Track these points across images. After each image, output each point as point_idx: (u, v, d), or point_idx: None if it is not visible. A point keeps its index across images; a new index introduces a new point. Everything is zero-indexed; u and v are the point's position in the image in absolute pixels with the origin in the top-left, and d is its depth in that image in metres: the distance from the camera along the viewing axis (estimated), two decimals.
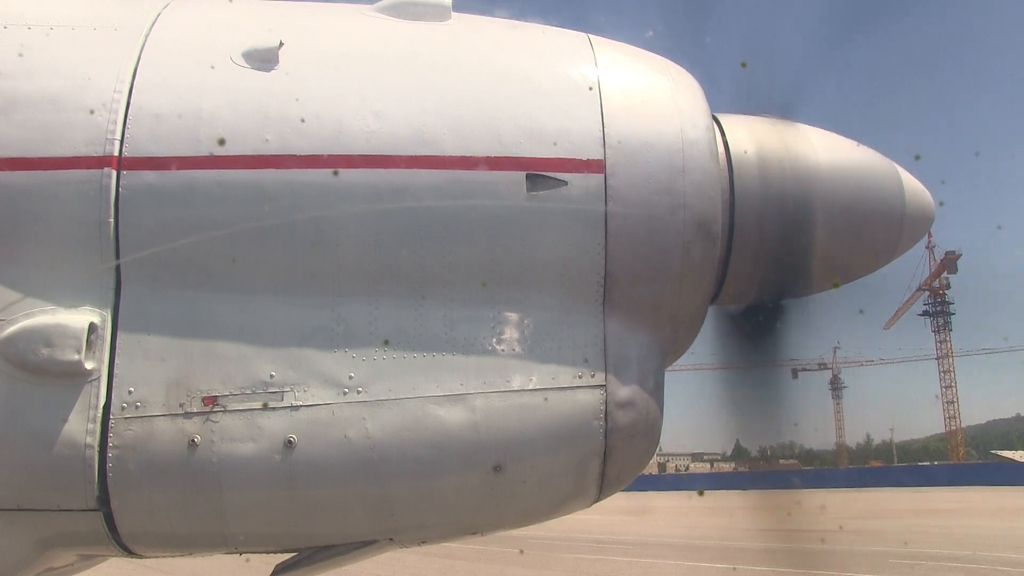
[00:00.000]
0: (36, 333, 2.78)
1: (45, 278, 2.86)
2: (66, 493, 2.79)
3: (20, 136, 2.88)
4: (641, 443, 3.10)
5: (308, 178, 2.89)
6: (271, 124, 2.92)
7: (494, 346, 2.95)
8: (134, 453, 2.79)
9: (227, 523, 2.92)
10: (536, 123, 3.01)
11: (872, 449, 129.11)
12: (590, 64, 3.20)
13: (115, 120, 2.88)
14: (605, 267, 2.99)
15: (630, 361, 3.05)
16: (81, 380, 2.80)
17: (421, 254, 2.94)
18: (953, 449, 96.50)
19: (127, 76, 2.96)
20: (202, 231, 2.87)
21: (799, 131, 3.50)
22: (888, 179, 3.55)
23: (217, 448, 2.80)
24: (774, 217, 3.31)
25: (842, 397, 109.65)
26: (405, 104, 3.01)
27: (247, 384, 2.85)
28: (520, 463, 2.94)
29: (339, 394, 2.87)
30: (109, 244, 2.85)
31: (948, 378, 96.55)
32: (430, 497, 2.98)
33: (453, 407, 2.88)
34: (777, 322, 3.58)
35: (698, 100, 3.29)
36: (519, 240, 2.96)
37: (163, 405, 2.82)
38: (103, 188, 2.84)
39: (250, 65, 3.02)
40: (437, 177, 2.93)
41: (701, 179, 3.09)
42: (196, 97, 2.95)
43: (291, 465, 2.82)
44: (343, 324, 2.92)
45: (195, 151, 2.88)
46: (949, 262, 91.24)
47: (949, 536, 23.61)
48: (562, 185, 2.96)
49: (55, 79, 2.98)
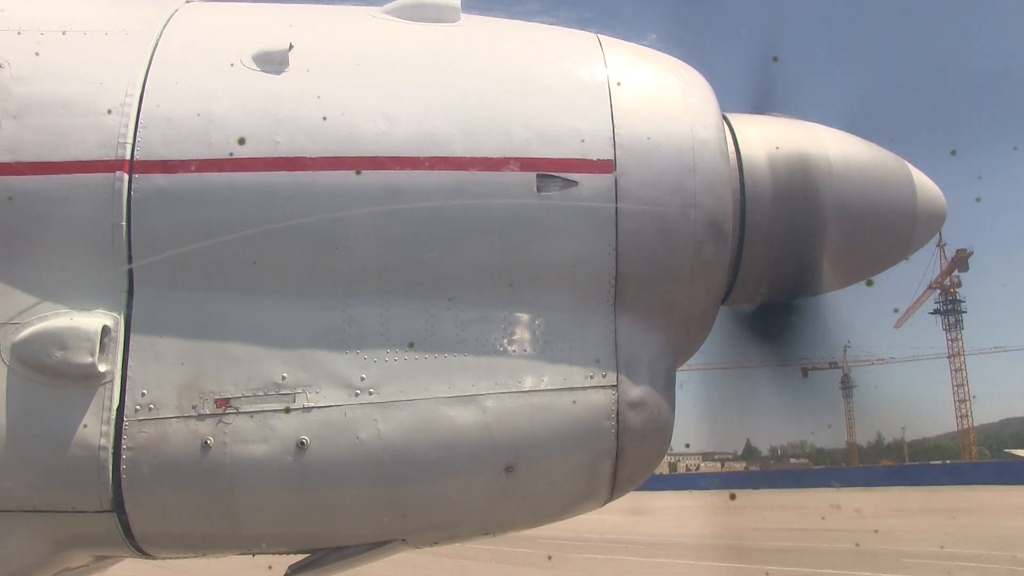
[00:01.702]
0: (50, 336, 2.80)
1: (59, 281, 2.88)
2: (81, 495, 2.81)
3: (33, 140, 2.90)
4: (653, 443, 3.09)
5: (319, 180, 2.90)
6: (282, 126, 2.93)
7: (505, 347, 2.95)
8: (148, 455, 2.80)
9: (240, 524, 2.94)
10: (546, 123, 3.01)
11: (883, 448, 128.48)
12: (600, 64, 3.19)
13: (127, 123, 2.90)
14: (616, 267, 2.99)
15: (641, 361, 3.04)
16: (95, 382, 2.81)
17: (432, 255, 2.94)
18: (966, 448, 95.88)
19: (139, 80, 2.98)
20: (214, 233, 2.89)
21: (809, 129, 3.49)
22: (899, 177, 3.53)
23: (230, 450, 2.81)
24: (785, 216, 3.29)
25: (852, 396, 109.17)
26: (415, 106, 3.02)
27: (259, 386, 2.86)
28: (532, 464, 2.94)
29: (351, 395, 2.87)
30: (122, 247, 2.87)
31: (960, 376, 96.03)
32: (442, 498, 2.98)
33: (465, 408, 2.88)
34: (788, 321, 3.57)
35: (708, 99, 3.27)
36: (530, 241, 2.96)
37: (176, 407, 2.83)
38: (115, 191, 2.86)
39: (260, 68, 3.03)
40: (447, 178, 2.93)
41: (712, 179, 3.08)
42: (207, 100, 2.97)
43: (303, 466, 2.82)
44: (354, 325, 2.92)
45: (207, 154, 2.90)
46: (960, 260, 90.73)
47: (962, 535, 23.47)
48: (573, 185, 2.95)
49: (68, 83, 3.00)
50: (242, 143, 2.90)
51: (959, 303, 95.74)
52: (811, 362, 3.67)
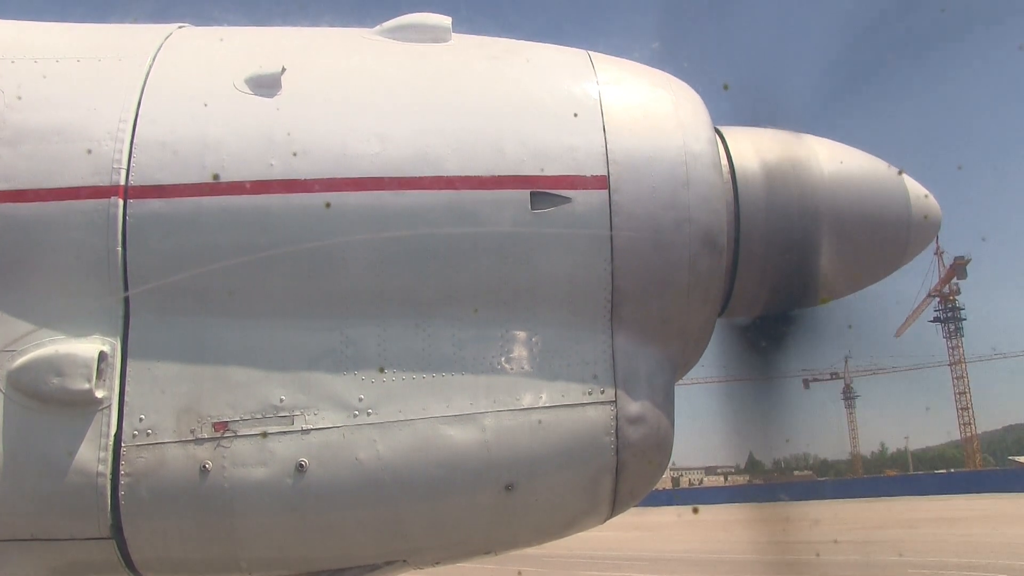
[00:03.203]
0: (47, 363, 2.79)
1: (55, 307, 2.88)
2: (79, 522, 2.79)
3: (28, 167, 2.92)
4: (653, 458, 3.08)
5: (313, 202, 2.90)
6: (275, 149, 2.94)
7: (503, 365, 2.95)
8: (146, 480, 2.79)
9: (240, 548, 2.92)
10: (539, 141, 3.03)
11: (887, 458, 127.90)
12: (591, 81, 3.21)
13: (121, 149, 2.91)
14: (612, 283, 2.99)
15: (639, 376, 3.04)
16: (92, 409, 2.80)
17: (428, 274, 2.94)
18: (969, 456, 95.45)
19: (132, 105, 2.99)
20: (209, 257, 2.89)
21: (802, 141, 3.50)
22: (893, 186, 3.54)
23: (228, 473, 2.80)
24: (780, 228, 3.30)
25: (855, 406, 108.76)
26: (408, 126, 3.03)
27: (257, 409, 2.85)
28: (532, 481, 2.93)
29: (349, 416, 2.86)
30: (117, 272, 2.87)
31: (962, 384, 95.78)
32: (443, 518, 2.96)
33: (463, 427, 2.87)
34: (786, 333, 3.57)
35: (700, 113, 3.29)
36: (525, 258, 2.96)
37: (174, 432, 2.82)
38: (110, 217, 2.86)
39: (253, 92, 3.05)
40: (441, 197, 2.94)
41: (705, 192, 3.09)
42: (200, 125, 2.98)
43: (303, 489, 2.81)
44: (351, 346, 2.92)
45: (201, 178, 2.91)
46: (958, 267, 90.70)
47: (967, 544, 23.31)
48: (566, 202, 2.96)
49: (61, 110, 3.01)
50: (236, 167, 2.91)
51: (959, 310, 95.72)
52: (812, 373, 3.66)
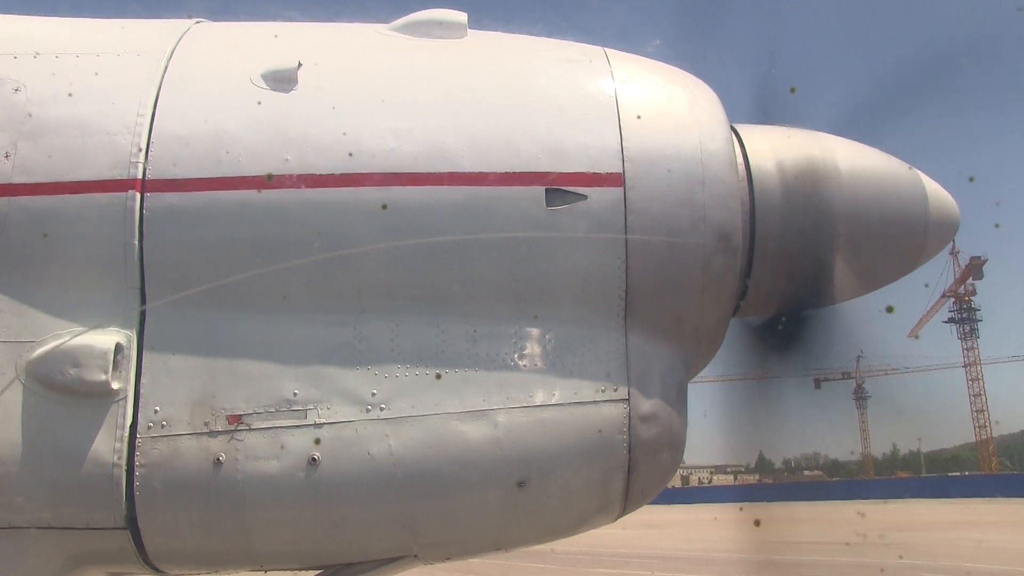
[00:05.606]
0: (64, 354, 2.82)
1: (72, 300, 2.91)
2: (94, 511, 2.82)
3: (47, 161, 2.94)
4: (665, 456, 3.08)
5: (328, 197, 2.92)
6: (291, 144, 2.95)
7: (516, 361, 2.95)
8: (160, 472, 2.81)
9: (252, 541, 2.94)
10: (554, 138, 3.02)
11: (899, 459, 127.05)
12: (607, 78, 3.20)
13: (139, 143, 2.94)
14: (626, 280, 2.98)
15: (652, 374, 3.03)
16: (108, 400, 2.83)
17: (441, 270, 2.95)
18: (984, 459, 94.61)
19: (150, 100, 3.02)
20: (225, 251, 2.91)
21: (819, 140, 3.48)
22: (911, 186, 3.51)
23: (242, 466, 2.82)
24: (795, 227, 3.28)
25: (866, 407, 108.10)
26: (423, 122, 3.04)
27: (271, 402, 2.87)
28: (543, 478, 2.93)
29: (362, 411, 2.87)
30: (134, 265, 2.89)
31: (977, 386, 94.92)
32: (454, 513, 2.97)
33: (476, 423, 2.88)
34: (799, 332, 3.55)
35: (716, 111, 3.28)
36: (539, 255, 2.96)
37: (188, 424, 2.84)
38: (128, 210, 2.88)
39: (269, 87, 3.06)
40: (456, 193, 2.94)
41: (721, 191, 3.08)
42: (217, 119, 3.00)
43: (315, 482, 2.82)
44: (365, 341, 2.93)
45: (217, 172, 2.92)
46: (974, 268, 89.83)
47: (982, 549, 23.12)
48: (581, 199, 2.96)
49: (80, 105, 3.04)
50: (252, 161, 2.92)
51: (974, 311, 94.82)
52: (824, 373, 3.64)
